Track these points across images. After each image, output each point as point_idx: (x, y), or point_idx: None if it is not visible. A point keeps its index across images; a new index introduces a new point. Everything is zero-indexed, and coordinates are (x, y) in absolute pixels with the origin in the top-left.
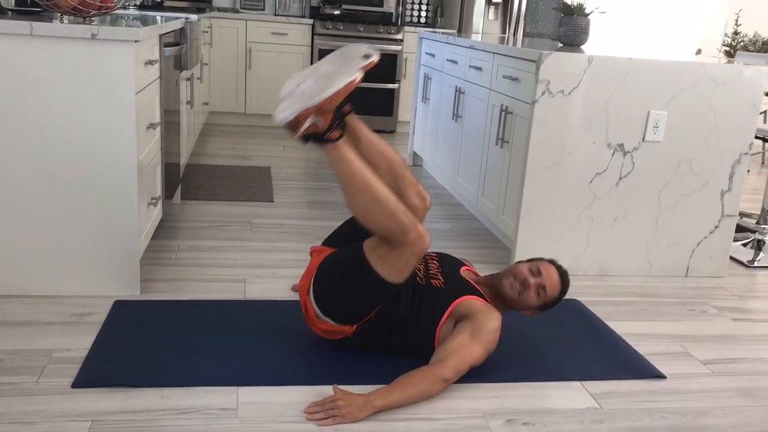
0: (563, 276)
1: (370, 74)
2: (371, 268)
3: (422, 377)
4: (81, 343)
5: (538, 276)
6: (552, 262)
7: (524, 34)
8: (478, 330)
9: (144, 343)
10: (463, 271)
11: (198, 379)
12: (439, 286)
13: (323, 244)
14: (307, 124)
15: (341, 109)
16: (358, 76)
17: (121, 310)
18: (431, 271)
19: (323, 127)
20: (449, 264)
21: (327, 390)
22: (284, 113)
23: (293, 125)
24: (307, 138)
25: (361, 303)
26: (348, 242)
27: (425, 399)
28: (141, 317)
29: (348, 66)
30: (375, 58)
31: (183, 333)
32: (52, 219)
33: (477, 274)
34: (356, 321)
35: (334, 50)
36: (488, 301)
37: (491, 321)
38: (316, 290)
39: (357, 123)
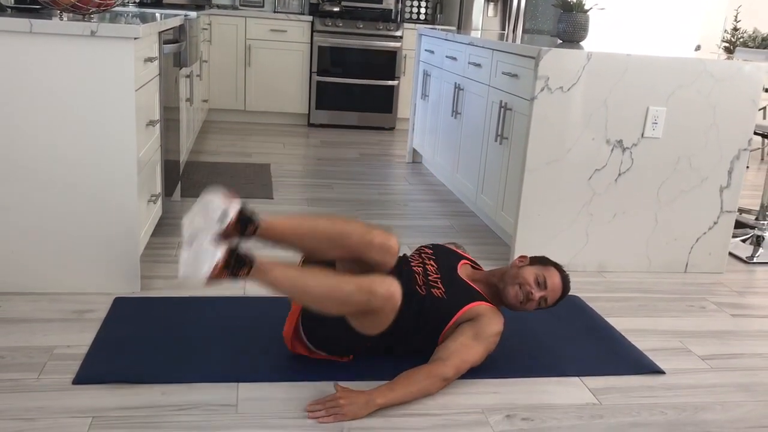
0: (565, 283)
1: (370, 72)
2: (352, 328)
3: (424, 376)
4: (81, 340)
5: (543, 289)
6: (558, 267)
7: (523, 31)
8: (481, 332)
9: (144, 340)
10: (460, 267)
11: (198, 376)
12: (441, 296)
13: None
14: (217, 279)
15: (236, 250)
16: (219, 257)
17: (121, 307)
18: (430, 278)
19: (222, 265)
20: (446, 262)
21: (327, 386)
22: (194, 275)
23: (209, 281)
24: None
25: (354, 343)
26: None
27: (425, 396)
28: (141, 314)
29: (201, 243)
30: (231, 216)
31: (183, 329)
32: (52, 216)
33: (474, 265)
34: (351, 353)
35: (333, 48)
36: (491, 303)
37: (495, 325)
38: (307, 331)
39: (270, 225)
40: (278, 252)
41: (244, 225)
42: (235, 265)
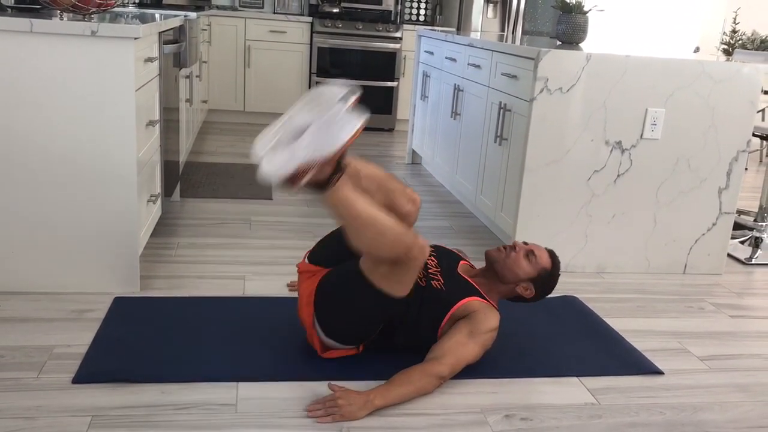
0: (551, 251)
1: (370, 73)
2: (375, 287)
3: (420, 375)
4: (81, 339)
5: (527, 245)
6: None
7: (523, 32)
8: (476, 329)
9: (144, 339)
10: (460, 266)
11: (198, 375)
12: (440, 287)
13: (309, 260)
14: (308, 176)
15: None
16: (359, 124)
17: (121, 306)
18: (430, 271)
19: (326, 176)
20: (447, 260)
21: (326, 386)
22: (283, 167)
23: (291, 180)
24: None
25: (369, 323)
26: (338, 260)
27: (422, 395)
28: (141, 314)
29: (334, 115)
30: (356, 94)
31: (182, 329)
32: (52, 216)
33: (473, 266)
34: (362, 341)
35: (332, 49)
36: (487, 299)
37: (489, 321)
38: (319, 317)
39: (350, 159)
40: None
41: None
42: (338, 166)
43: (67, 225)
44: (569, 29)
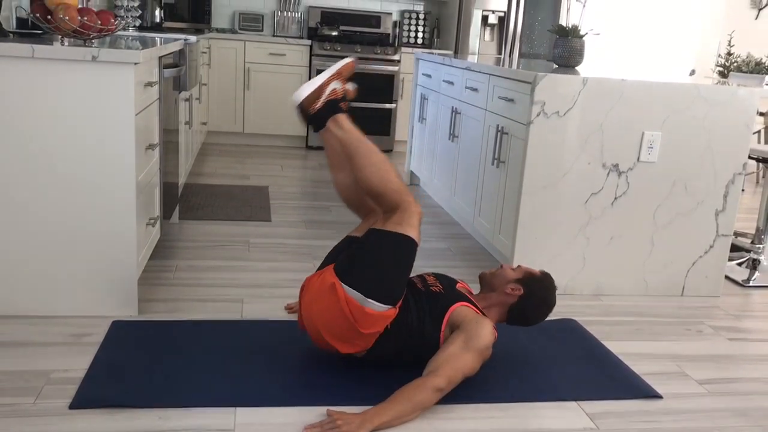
0: (546, 275)
1: (368, 95)
2: (394, 232)
3: (416, 390)
4: (79, 364)
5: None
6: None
7: (520, 55)
8: (469, 338)
9: (142, 364)
10: (459, 286)
11: (196, 400)
12: (438, 291)
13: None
14: (328, 90)
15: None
16: (351, 58)
17: (119, 330)
18: (429, 282)
19: (340, 94)
20: (446, 279)
21: (325, 410)
22: (306, 87)
23: (314, 95)
24: (324, 111)
25: (398, 271)
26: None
27: (421, 410)
28: (139, 338)
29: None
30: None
31: (181, 353)
32: (51, 239)
33: (471, 292)
34: (399, 296)
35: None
36: (481, 311)
37: (482, 328)
38: (351, 280)
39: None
40: None
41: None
42: (342, 99)
43: (65, 248)
44: (566, 53)
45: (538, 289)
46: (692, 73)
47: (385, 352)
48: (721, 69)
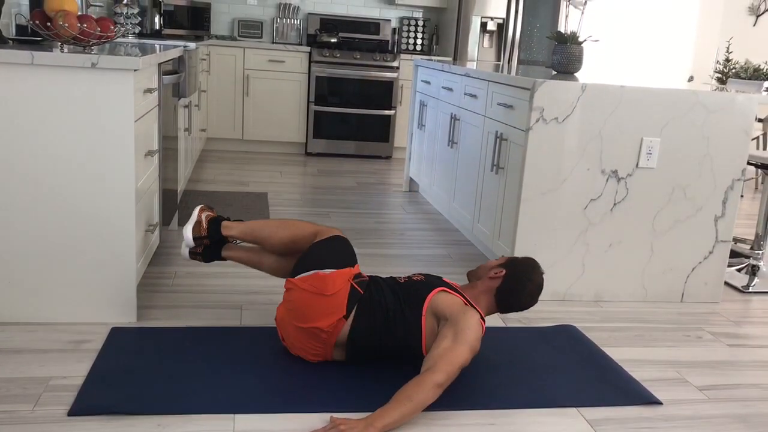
0: (534, 263)
1: (367, 101)
2: (316, 242)
3: (416, 387)
4: (77, 371)
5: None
6: None
7: (519, 62)
8: (459, 331)
9: (140, 371)
10: (445, 280)
11: (195, 407)
12: (420, 279)
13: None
14: (202, 225)
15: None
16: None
17: (117, 337)
18: (414, 278)
19: (207, 223)
20: (433, 276)
21: (324, 417)
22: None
23: (196, 229)
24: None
25: (337, 248)
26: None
27: (423, 408)
28: (138, 344)
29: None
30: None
31: (180, 360)
32: (50, 245)
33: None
34: (349, 261)
35: (330, 78)
36: (467, 300)
37: (469, 319)
38: (301, 271)
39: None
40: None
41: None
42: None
43: (64, 254)
44: (564, 59)
45: (522, 269)
46: (691, 79)
47: (365, 339)
48: (719, 75)
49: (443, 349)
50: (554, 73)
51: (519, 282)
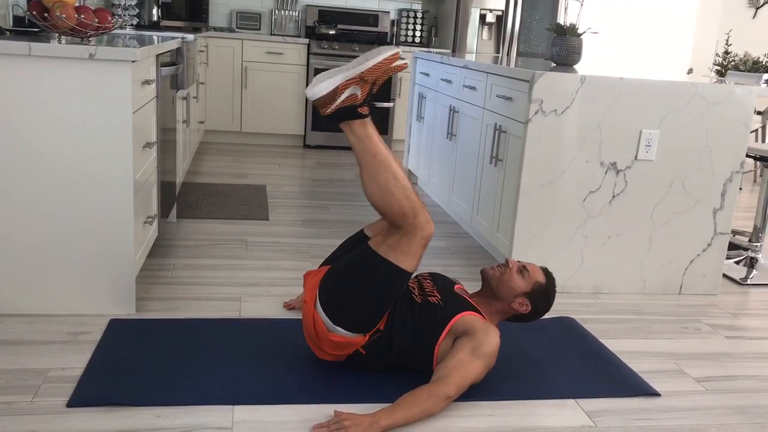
0: (545, 268)
1: None
2: (383, 258)
3: (426, 395)
4: (76, 362)
5: (519, 262)
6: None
7: (518, 54)
8: (478, 347)
9: (139, 362)
10: (456, 288)
11: (193, 398)
12: (437, 302)
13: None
14: (345, 95)
15: (374, 89)
16: (398, 51)
17: (116, 328)
18: (426, 290)
19: (360, 99)
20: (442, 281)
21: (324, 409)
22: (321, 86)
23: (329, 98)
24: (337, 114)
25: (376, 302)
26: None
27: (428, 417)
28: (136, 336)
29: (381, 51)
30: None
31: (178, 352)
32: (48, 237)
33: (467, 293)
34: (370, 327)
35: (329, 69)
36: (485, 317)
37: (490, 337)
38: (324, 300)
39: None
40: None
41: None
42: (371, 94)
43: (62, 246)
44: (564, 51)
45: (544, 299)
46: (690, 71)
47: (375, 358)
48: (718, 68)
49: (458, 362)
50: (553, 65)
51: (539, 312)
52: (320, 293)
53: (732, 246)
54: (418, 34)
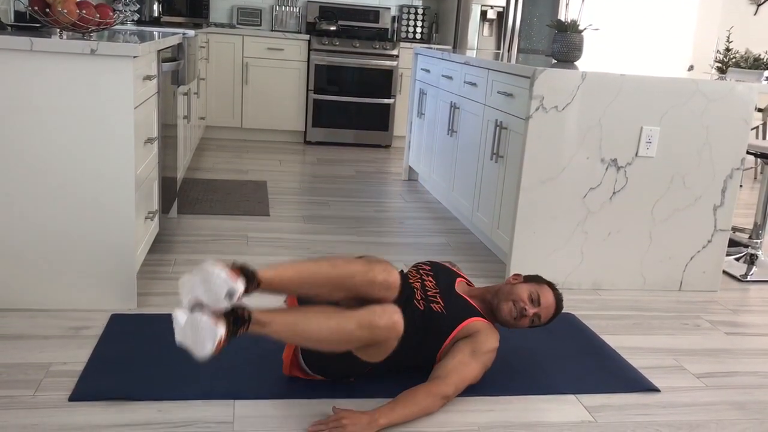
0: (558, 302)
1: (366, 90)
2: (355, 357)
3: (424, 395)
4: (78, 357)
5: (537, 306)
6: (551, 286)
7: (519, 50)
8: (478, 349)
9: (141, 357)
10: (457, 284)
11: (195, 393)
12: (440, 311)
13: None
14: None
15: (238, 317)
16: (221, 334)
17: (118, 323)
18: (429, 293)
19: (228, 336)
20: (444, 278)
21: (325, 404)
22: (204, 348)
23: (217, 350)
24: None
25: (352, 367)
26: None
27: (426, 415)
28: (138, 331)
29: (203, 320)
30: (238, 294)
31: (179, 347)
32: (50, 232)
33: (470, 283)
34: (351, 377)
35: (330, 66)
36: (487, 319)
37: (491, 341)
38: (304, 354)
39: (270, 280)
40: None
41: (245, 284)
42: (234, 326)
43: (64, 241)
44: (564, 48)
45: (546, 323)
46: (691, 68)
47: (374, 369)
48: (719, 65)
49: (458, 362)
50: (554, 61)
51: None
52: (302, 350)
53: (732, 243)
54: (418, 30)
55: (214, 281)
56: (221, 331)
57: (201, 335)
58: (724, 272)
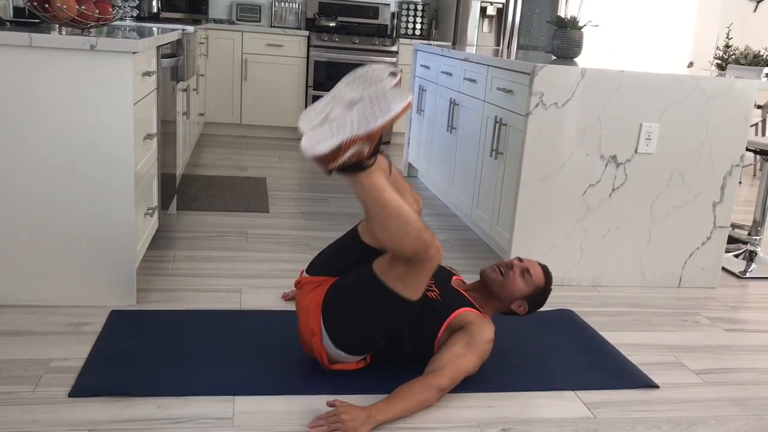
0: (545, 267)
1: None
2: (391, 290)
3: (420, 387)
4: (77, 353)
5: (521, 262)
6: (540, 264)
7: (518, 47)
8: (473, 340)
9: (140, 353)
10: (453, 281)
11: (194, 389)
12: (436, 298)
13: (308, 272)
14: (350, 152)
15: (381, 140)
16: (409, 98)
17: (117, 319)
18: (428, 292)
19: (366, 155)
20: (440, 274)
21: (323, 399)
22: (322, 144)
23: (331, 156)
24: (342, 168)
25: (379, 331)
26: (342, 269)
27: (423, 408)
28: (137, 327)
29: (383, 89)
30: (399, 75)
31: (179, 343)
32: (49, 228)
33: (464, 282)
34: (370, 350)
35: (329, 63)
36: (481, 312)
37: (485, 332)
38: (328, 327)
39: (383, 168)
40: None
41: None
42: (378, 146)
43: (63, 237)
44: (564, 44)
45: (540, 300)
46: (690, 65)
47: (373, 360)
48: (719, 61)
49: (453, 354)
50: (554, 58)
51: (531, 311)
52: (325, 318)
53: (731, 239)
54: (418, 26)
55: (372, 68)
56: (409, 96)
57: (387, 99)
58: (724, 269)
